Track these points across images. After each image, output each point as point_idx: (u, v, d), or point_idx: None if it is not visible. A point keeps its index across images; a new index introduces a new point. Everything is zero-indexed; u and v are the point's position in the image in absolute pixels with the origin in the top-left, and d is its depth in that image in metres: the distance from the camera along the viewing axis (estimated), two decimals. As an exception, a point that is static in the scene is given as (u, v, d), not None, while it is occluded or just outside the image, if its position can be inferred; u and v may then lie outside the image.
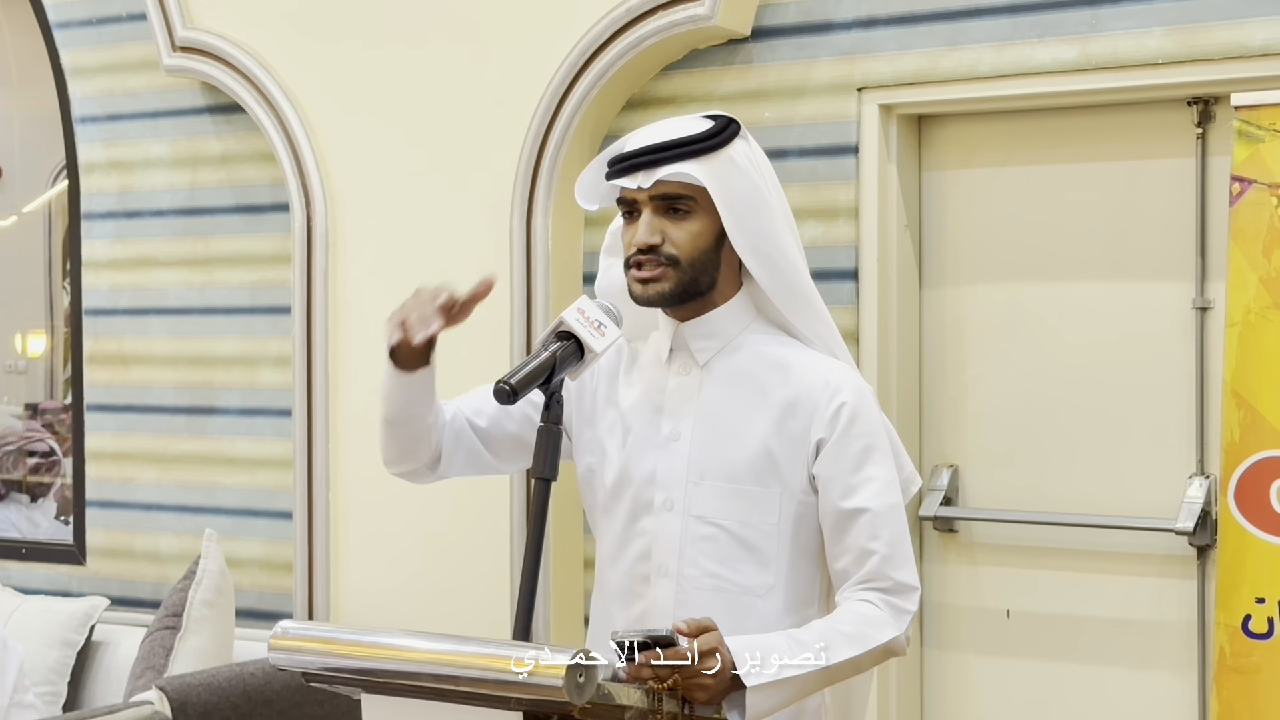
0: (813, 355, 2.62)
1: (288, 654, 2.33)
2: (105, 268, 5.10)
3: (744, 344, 2.62)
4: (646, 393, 2.63)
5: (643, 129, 2.61)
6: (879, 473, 2.54)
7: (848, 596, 2.51)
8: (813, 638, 2.40)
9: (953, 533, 4.15)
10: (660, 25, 4.12)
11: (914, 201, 4.16)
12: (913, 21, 3.97)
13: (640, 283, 2.56)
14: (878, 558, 2.50)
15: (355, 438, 4.57)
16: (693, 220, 2.55)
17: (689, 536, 2.57)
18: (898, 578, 2.50)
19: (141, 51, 4.95)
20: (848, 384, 2.58)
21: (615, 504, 2.64)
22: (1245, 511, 3.49)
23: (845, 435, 2.54)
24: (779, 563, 2.57)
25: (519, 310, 4.30)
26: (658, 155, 2.53)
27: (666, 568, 2.58)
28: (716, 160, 2.54)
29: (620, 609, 2.62)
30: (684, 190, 2.54)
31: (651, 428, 2.61)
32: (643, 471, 2.61)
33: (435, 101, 4.46)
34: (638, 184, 2.54)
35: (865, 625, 2.45)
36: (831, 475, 2.54)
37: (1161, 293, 3.92)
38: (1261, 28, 3.63)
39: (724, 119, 2.59)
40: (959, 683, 4.16)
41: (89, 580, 5.12)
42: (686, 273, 2.56)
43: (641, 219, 2.55)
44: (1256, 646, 3.46)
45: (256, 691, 4.15)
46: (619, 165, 2.57)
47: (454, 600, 4.39)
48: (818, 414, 2.55)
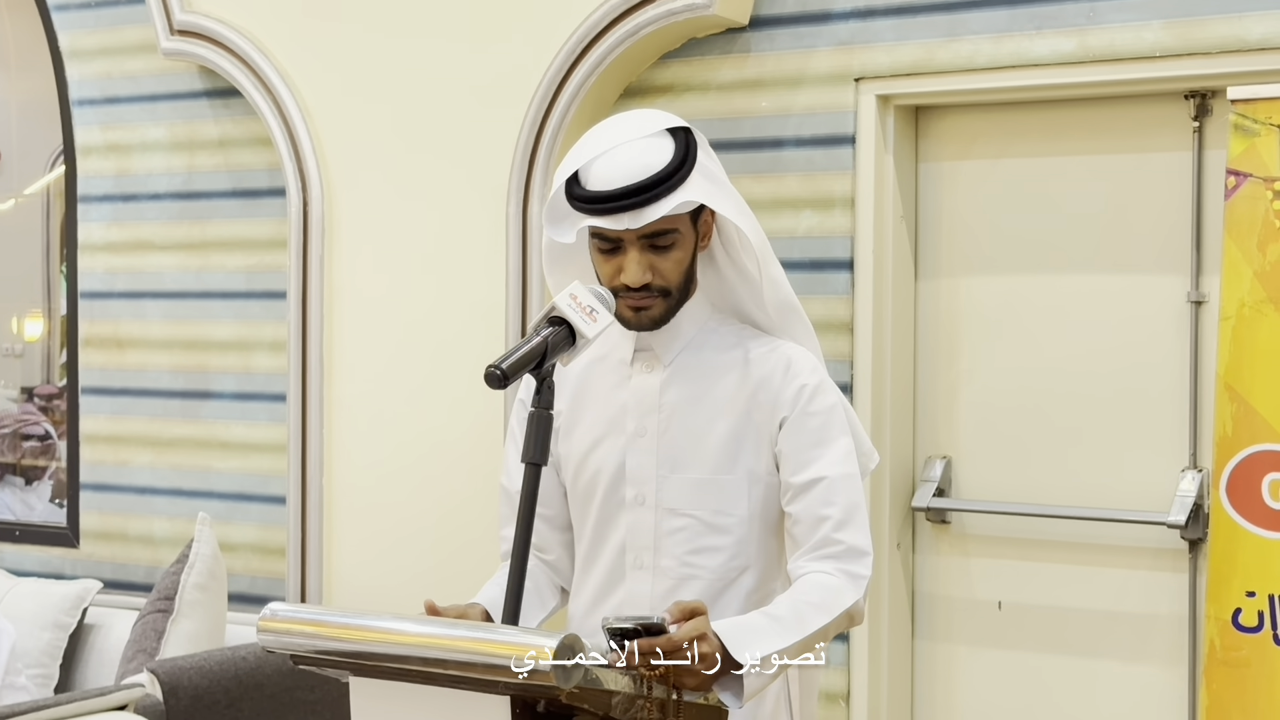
0: (770, 342, 2.66)
1: (276, 636, 2.34)
2: (101, 251, 5.09)
3: (703, 339, 2.66)
4: (609, 393, 2.66)
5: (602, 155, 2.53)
6: (836, 445, 2.59)
7: (802, 568, 2.54)
8: (787, 613, 2.44)
9: (945, 524, 4.15)
10: (658, 13, 4.11)
11: (910, 192, 4.16)
12: (911, 12, 3.97)
13: (633, 310, 2.58)
14: (831, 522, 2.54)
15: (349, 423, 4.58)
16: (677, 250, 2.57)
17: (663, 529, 2.61)
18: (849, 541, 2.54)
19: (139, 35, 4.95)
20: (806, 365, 2.63)
21: (587, 504, 2.68)
22: (1237, 505, 3.49)
23: (804, 412, 2.60)
24: (750, 545, 2.62)
25: (514, 296, 4.30)
26: (644, 196, 2.50)
27: (642, 560, 2.62)
28: (697, 177, 2.54)
29: (600, 603, 2.65)
30: (669, 224, 2.54)
31: (617, 427, 2.64)
32: (612, 469, 2.64)
33: (432, 88, 4.46)
34: (626, 226, 2.52)
35: (827, 594, 2.50)
36: (790, 450, 2.59)
37: (1156, 286, 3.92)
38: (1259, 22, 3.63)
39: (680, 133, 2.57)
40: (949, 674, 4.16)
41: (82, 563, 5.12)
42: (674, 297, 2.60)
43: (630, 258, 2.54)
44: (1246, 640, 3.46)
45: (248, 675, 4.15)
46: (596, 204, 2.52)
47: (446, 585, 4.36)
48: (780, 396, 2.60)
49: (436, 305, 4.46)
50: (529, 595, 2.69)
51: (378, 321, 4.56)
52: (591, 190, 2.53)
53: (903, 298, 4.13)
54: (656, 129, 2.57)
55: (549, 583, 2.78)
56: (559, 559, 2.78)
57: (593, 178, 2.54)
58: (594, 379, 2.69)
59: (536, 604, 2.73)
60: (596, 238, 2.57)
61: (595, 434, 2.67)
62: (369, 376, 4.57)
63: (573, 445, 2.70)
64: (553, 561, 2.78)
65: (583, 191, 2.54)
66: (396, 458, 4.52)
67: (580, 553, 2.72)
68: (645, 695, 2.23)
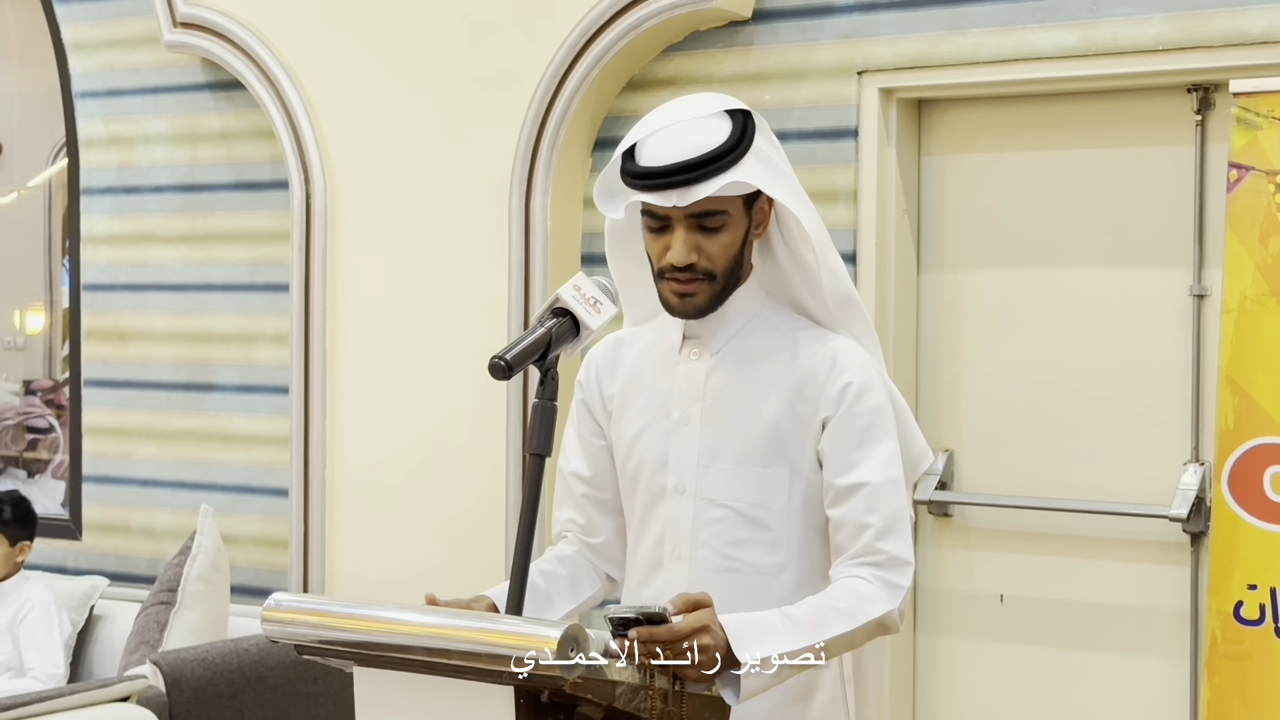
0: (820, 334, 2.60)
1: (280, 626, 2.34)
2: (104, 243, 5.10)
3: (754, 328, 2.61)
4: (658, 379, 2.64)
5: (658, 131, 2.53)
6: (881, 449, 2.54)
7: (841, 573, 2.51)
8: (806, 614, 2.40)
9: (947, 517, 4.16)
10: (661, 6, 4.12)
11: (913, 186, 4.16)
12: (913, 5, 3.97)
13: (678, 295, 2.54)
14: (872, 530, 2.50)
15: (352, 415, 4.58)
16: (725, 233, 2.53)
17: (701, 519, 2.57)
18: (891, 550, 2.49)
19: (142, 27, 4.95)
20: (853, 362, 2.57)
21: (633, 490, 2.65)
22: (1239, 498, 3.49)
23: (849, 413, 2.54)
24: (790, 542, 2.57)
25: (517, 288, 4.31)
26: (695, 173, 2.49)
27: (680, 551, 2.58)
28: (752, 160, 2.51)
29: (641, 593, 2.63)
30: (718, 205, 2.51)
31: (663, 413, 2.62)
32: (655, 457, 2.61)
33: (435, 80, 4.46)
34: (673, 203, 2.50)
35: (858, 600, 2.45)
36: (834, 451, 2.54)
37: (1159, 279, 3.93)
38: (1262, 15, 3.63)
39: (740, 115, 2.55)
40: (951, 667, 4.17)
41: (85, 555, 5.13)
42: (720, 284, 2.55)
43: (676, 236, 2.52)
44: (1248, 633, 3.47)
45: (250, 667, 4.16)
46: (647, 179, 2.51)
47: (449, 576, 4.38)
48: (824, 393, 2.55)
49: (439, 298, 4.47)
50: (560, 584, 2.65)
51: (380, 314, 4.56)
52: (643, 166, 2.52)
53: (905, 291, 4.13)
54: (715, 110, 2.55)
55: (589, 569, 2.72)
56: (607, 543, 2.72)
57: (646, 154, 2.52)
58: (646, 364, 2.66)
59: (568, 592, 2.68)
60: (647, 215, 2.55)
61: (642, 420, 2.63)
62: (371, 369, 4.58)
63: (623, 430, 2.66)
64: (599, 545, 2.72)
65: (634, 167, 2.53)
66: (398, 450, 4.52)
67: (630, 538, 2.68)
68: (648, 686, 2.23)
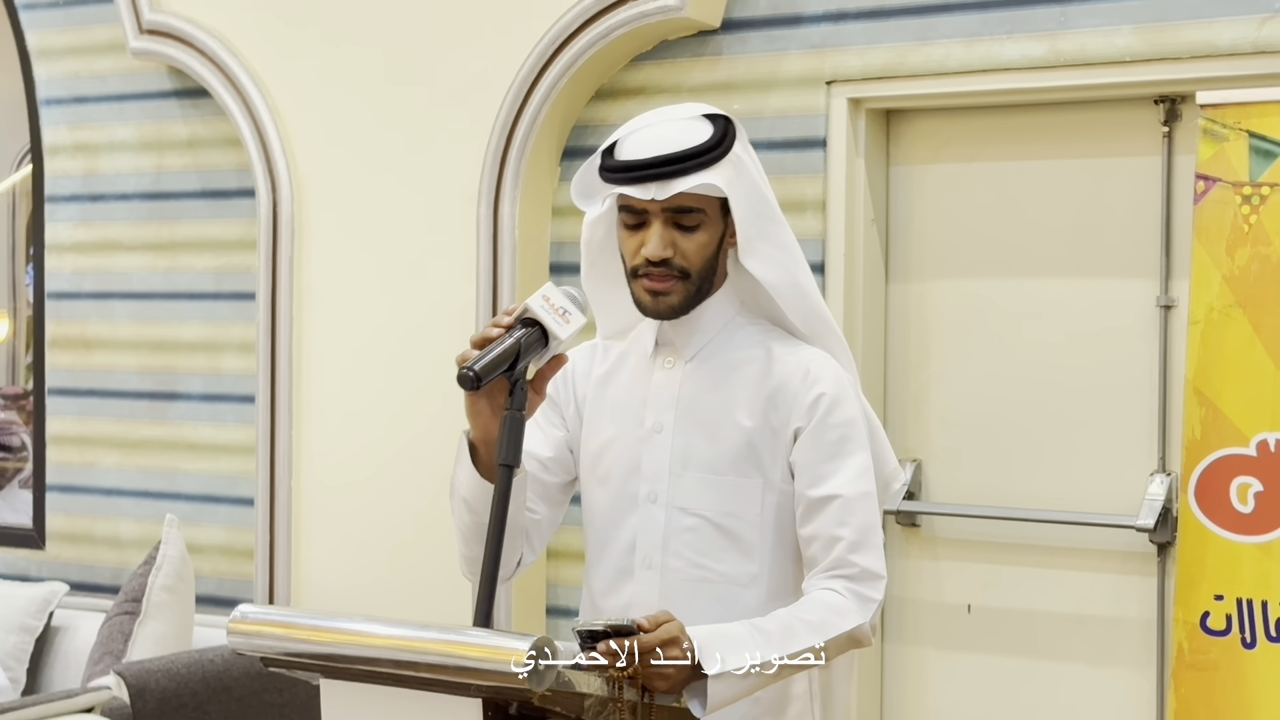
0: (794, 345, 2.60)
1: (246, 638, 2.32)
2: (69, 251, 5.07)
3: (728, 336, 2.61)
4: (631, 386, 2.63)
5: (639, 130, 2.55)
6: (853, 462, 2.54)
7: (813, 585, 2.51)
8: (775, 626, 2.40)
9: (915, 527, 4.16)
10: (630, 15, 4.11)
11: (881, 196, 4.16)
12: (882, 16, 3.98)
13: (650, 294, 2.54)
14: (844, 544, 2.49)
15: (318, 425, 4.56)
16: (701, 233, 2.54)
17: (673, 528, 2.57)
18: (864, 564, 2.49)
19: (108, 34, 4.93)
20: (827, 373, 2.57)
21: (599, 497, 2.64)
22: (1205, 509, 3.50)
23: (822, 424, 2.54)
24: (761, 552, 2.57)
25: (485, 298, 4.30)
26: (673, 167, 2.50)
27: (651, 560, 2.58)
28: (727, 165, 2.52)
29: (606, 602, 2.62)
30: (695, 203, 2.52)
31: (636, 421, 2.61)
32: (627, 464, 2.61)
33: (403, 89, 4.45)
34: (651, 195, 2.50)
35: (829, 613, 2.45)
36: (806, 463, 2.54)
37: (1126, 290, 3.94)
38: (1229, 27, 3.65)
39: (721, 120, 2.56)
40: (919, 677, 4.17)
41: (48, 565, 5.09)
42: (694, 284, 2.55)
43: (652, 231, 2.52)
44: (1214, 643, 3.47)
45: (215, 678, 4.13)
46: (626, 173, 2.53)
47: (416, 587, 4.38)
48: (797, 403, 2.55)
49: (406, 307, 4.45)
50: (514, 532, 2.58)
51: (347, 323, 4.55)
52: (622, 159, 2.53)
53: (873, 301, 4.13)
54: (697, 114, 2.57)
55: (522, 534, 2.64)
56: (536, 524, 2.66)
57: (626, 149, 2.54)
58: (619, 371, 2.66)
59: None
60: (624, 210, 2.55)
61: (614, 427, 2.63)
62: (338, 378, 4.56)
63: (593, 436, 2.65)
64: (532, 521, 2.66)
65: (614, 162, 2.54)
66: (365, 459, 4.51)
67: (591, 545, 2.67)
68: (617, 698, 2.22)
